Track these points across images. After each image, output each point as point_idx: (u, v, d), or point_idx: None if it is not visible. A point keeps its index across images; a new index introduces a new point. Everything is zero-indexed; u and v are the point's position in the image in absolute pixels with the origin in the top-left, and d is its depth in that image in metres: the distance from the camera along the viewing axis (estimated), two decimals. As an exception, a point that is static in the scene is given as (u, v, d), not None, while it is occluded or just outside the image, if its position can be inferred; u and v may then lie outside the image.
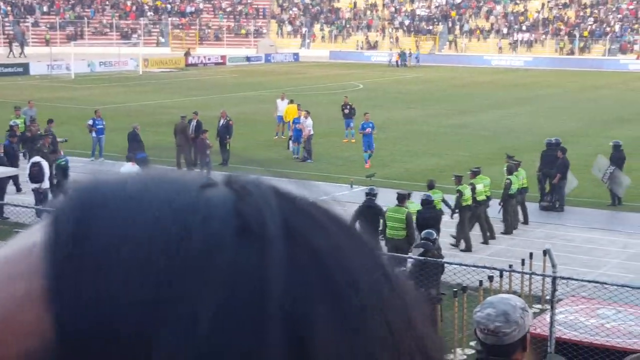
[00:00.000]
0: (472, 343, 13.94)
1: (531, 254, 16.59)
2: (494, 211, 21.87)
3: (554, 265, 11.05)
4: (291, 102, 36.65)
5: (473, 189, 21.48)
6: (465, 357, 14.48)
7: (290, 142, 33.23)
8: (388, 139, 34.22)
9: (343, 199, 15.78)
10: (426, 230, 15.83)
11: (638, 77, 71.61)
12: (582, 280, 11.80)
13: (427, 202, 19.13)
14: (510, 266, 14.87)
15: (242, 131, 32.85)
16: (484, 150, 27.15)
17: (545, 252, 11.55)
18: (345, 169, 29.88)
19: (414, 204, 19.11)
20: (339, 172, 29.46)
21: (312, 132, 32.74)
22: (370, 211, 18.36)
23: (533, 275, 15.50)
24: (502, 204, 22.30)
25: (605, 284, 12.35)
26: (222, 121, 31.46)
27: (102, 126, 31.48)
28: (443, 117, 44.44)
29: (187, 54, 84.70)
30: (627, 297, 11.74)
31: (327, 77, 69.51)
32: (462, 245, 20.98)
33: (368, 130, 30.93)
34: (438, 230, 18.27)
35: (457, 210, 21.25)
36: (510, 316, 3.79)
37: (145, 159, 22.93)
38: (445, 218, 20.59)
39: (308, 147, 32.54)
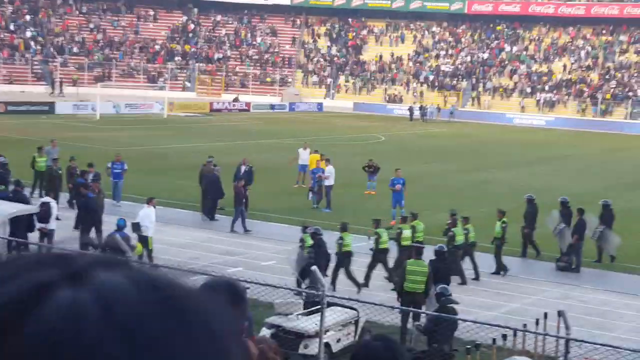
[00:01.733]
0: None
1: (546, 314, 16.57)
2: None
3: (567, 327, 11.09)
4: (315, 152, 36.82)
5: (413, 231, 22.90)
6: (475, 414, 14.44)
7: (310, 192, 33.37)
8: (408, 193, 34.31)
9: (360, 251, 16.06)
10: (442, 286, 15.87)
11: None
12: (596, 344, 11.80)
13: (440, 254, 19.23)
14: (525, 325, 14.86)
15: (263, 178, 33.09)
16: (502, 206, 27.18)
17: (559, 313, 11.58)
18: (364, 221, 29.94)
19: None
20: (358, 223, 29.53)
21: (332, 182, 32.85)
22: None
23: (546, 336, 15.50)
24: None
25: (619, 348, 12.33)
26: (244, 167, 31.67)
27: (119, 170, 31.30)
28: (463, 172, 44.54)
29: (235, 100, 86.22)
30: (640, 362, 11.71)
31: (350, 128, 69.87)
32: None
33: (398, 187, 30.55)
34: (448, 282, 18.43)
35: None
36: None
37: None
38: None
39: (328, 197, 32.65)
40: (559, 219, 25.70)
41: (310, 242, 20.88)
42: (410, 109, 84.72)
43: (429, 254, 20.05)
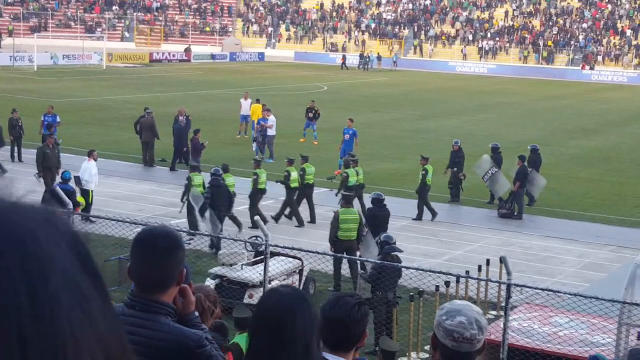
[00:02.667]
0: (427, 347, 14.02)
1: (488, 261, 16.73)
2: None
3: (509, 273, 11.15)
4: (257, 101, 36.54)
5: (302, 173, 23.36)
6: (419, 361, 14.55)
7: (254, 142, 33.13)
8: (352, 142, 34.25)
9: (303, 200, 15.87)
10: (386, 235, 15.86)
11: (600, 88, 72.46)
12: (537, 288, 11.91)
13: (378, 201, 19.25)
14: (467, 272, 14.97)
15: (204, 130, 32.69)
16: (445, 156, 27.31)
17: (501, 259, 11.64)
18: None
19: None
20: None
21: (274, 133, 32.67)
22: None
23: (489, 282, 15.65)
24: (338, 194, 23.16)
25: (559, 292, 12.47)
26: (181, 118, 31.29)
27: (54, 124, 30.43)
28: (405, 121, 44.63)
29: (187, 50, 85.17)
30: (580, 306, 11.86)
31: (292, 77, 69.49)
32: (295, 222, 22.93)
33: (347, 136, 30.35)
34: (386, 229, 18.57)
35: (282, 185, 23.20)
36: (480, 323, 3.84)
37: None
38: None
39: (270, 147, 32.47)
40: (489, 164, 25.84)
41: (198, 180, 21.41)
42: (343, 57, 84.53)
43: (317, 194, 20.06)
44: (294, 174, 23.25)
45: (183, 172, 26.35)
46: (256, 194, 22.74)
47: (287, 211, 23.32)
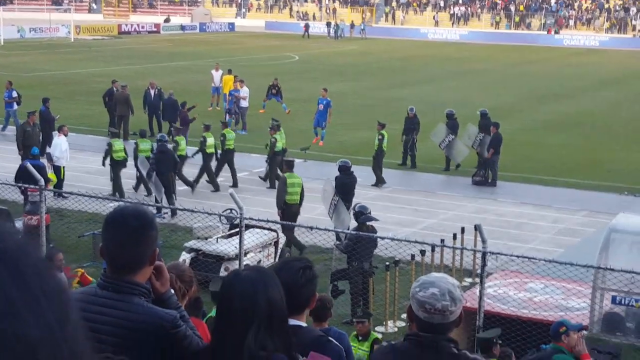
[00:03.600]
0: (404, 316, 14.06)
1: (463, 229, 16.76)
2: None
3: (484, 241, 11.15)
4: (229, 72, 36.32)
5: (223, 139, 23.97)
6: (396, 329, 14.60)
7: (227, 114, 32.94)
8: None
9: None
10: (361, 205, 15.83)
11: (573, 53, 72.64)
12: (511, 255, 11.93)
13: (345, 169, 19.29)
14: (442, 241, 14.98)
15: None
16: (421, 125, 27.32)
17: (476, 227, 11.64)
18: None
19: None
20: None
21: (247, 104, 32.53)
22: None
23: (464, 250, 15.69)
24: (268, 160, 24.24)
25: (534, 259, 12.52)
26: (152, 91, 31.03)
27: (7, 99, 29.91)
28: (378, 90, 44.56)
29: (167, 20, 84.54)
30: (555, 272, 11.91)
31: (263, 48, 69.11)
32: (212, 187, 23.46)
33: (321, 106, 30.13)
34: (353, 195, 18.94)
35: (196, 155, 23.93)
36: (454, 294, 3.82)
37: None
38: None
39: (243, 118, 32.33)
40: (445, 131, 25.95)
41: (119, 146, 22.37)
42: (306, 26, 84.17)
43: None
44: (210, 140, 23.76)
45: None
46: (226, 154, 23.73)
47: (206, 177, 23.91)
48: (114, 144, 22.44)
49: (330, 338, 4.02)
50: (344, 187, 18.81)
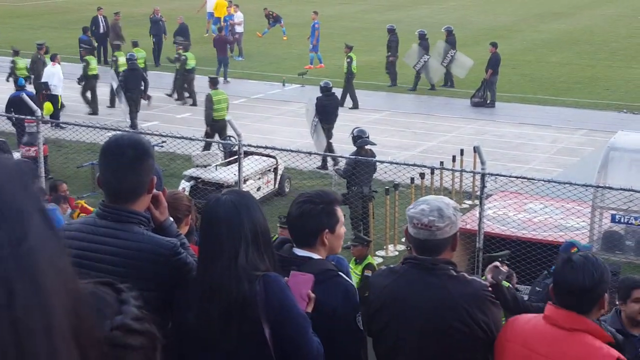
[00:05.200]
0: (404, 239, 14.14)
1: (462, 151, 16.77)
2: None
3: (482, 162, 11.12)
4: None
5: (116, 61, 24.59)
6: (397, 253, 14.70)
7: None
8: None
9: (276, 98, 15.93)
10: (359, 129, 15.75)
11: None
12: (510, 176, 11.93)
13: (326, 90, 19.31)
14: (442, 163, 14.98)
15: (171, 29, 32.14)
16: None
17: (475, 149, 11.62)
18: (276, 67, 29.61)
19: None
20: (271, 70, 29.19)
21: (242, 30, 32.26)
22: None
23: (463, 172, 15.71)
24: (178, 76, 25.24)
25: (533, 179, 12.52)
26: (158, 17, 30.84)
27: None
28: (375, 12, 44.11)
29: None
30: (554, 192, 11.92)
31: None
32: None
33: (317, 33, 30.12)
34: (335, 117, 19.25)
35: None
36: (443, 212, 3.84)
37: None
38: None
39: (239, 44, 32.08)
40: (419, 52, 25.84)
41: (22, 64, 23.19)
42: None
43: (291, 90, 19.95)
44: (93, 63, 24.36)
45: (155, 73, 26.02)
46: (90, 81, 24.05)
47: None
48: (90, 61, 23.90)
49: (341, 273, 4.01)
50: (324, 108, 18.80)
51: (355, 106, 24.30)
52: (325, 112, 18.66)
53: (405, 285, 3.95)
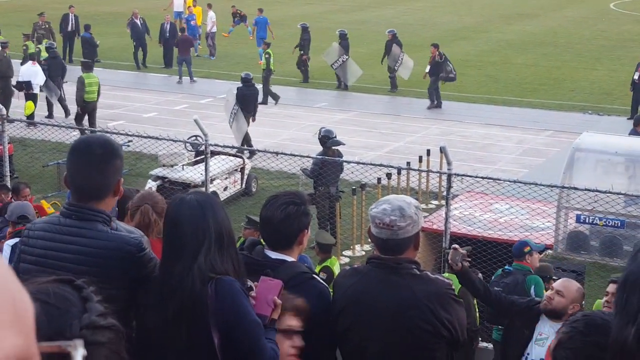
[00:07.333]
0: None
1: (428, 151, 16.84)
2: None
3: (449, 162, 11.17)
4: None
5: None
6: (363, 252, 14.72)
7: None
8: (285, 36, 33.85)
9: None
10: (327, 129, 15.75)
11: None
12: (477, 177, 11.99)
13: (246, 81, 20.45)
14: (408, 163, 15.03)
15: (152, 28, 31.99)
16: (380, 46, 27.20)
17: (441, 149, 11.67)
18: (244, 67, 29.53)
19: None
20: (238, 69, 29.10)
21: (215, 29, 32.20)
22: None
23: (430, 173, 15.77)
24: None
25: (499, 179, 12.58)
26: (139, 21, 30.78)
27: None
28: (341, 13, 44.16)
29: None
30: (520, 192, 12.00)
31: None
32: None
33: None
34: (254, 107, 20.47)
35: None
36: (405, 211, 3.84)
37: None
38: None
39: (211, 43, 32.03)
40: (338, 51, 26.09)
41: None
42: None
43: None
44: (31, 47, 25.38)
45: (133, 74, 25.87)
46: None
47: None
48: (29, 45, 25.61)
49: (315, 276, 4.01)
50: (244, 98, 19.86)
51: (264, 102, 24.63)
52: (246, 102, 19.78)
53: (369, 285, 3.95)
